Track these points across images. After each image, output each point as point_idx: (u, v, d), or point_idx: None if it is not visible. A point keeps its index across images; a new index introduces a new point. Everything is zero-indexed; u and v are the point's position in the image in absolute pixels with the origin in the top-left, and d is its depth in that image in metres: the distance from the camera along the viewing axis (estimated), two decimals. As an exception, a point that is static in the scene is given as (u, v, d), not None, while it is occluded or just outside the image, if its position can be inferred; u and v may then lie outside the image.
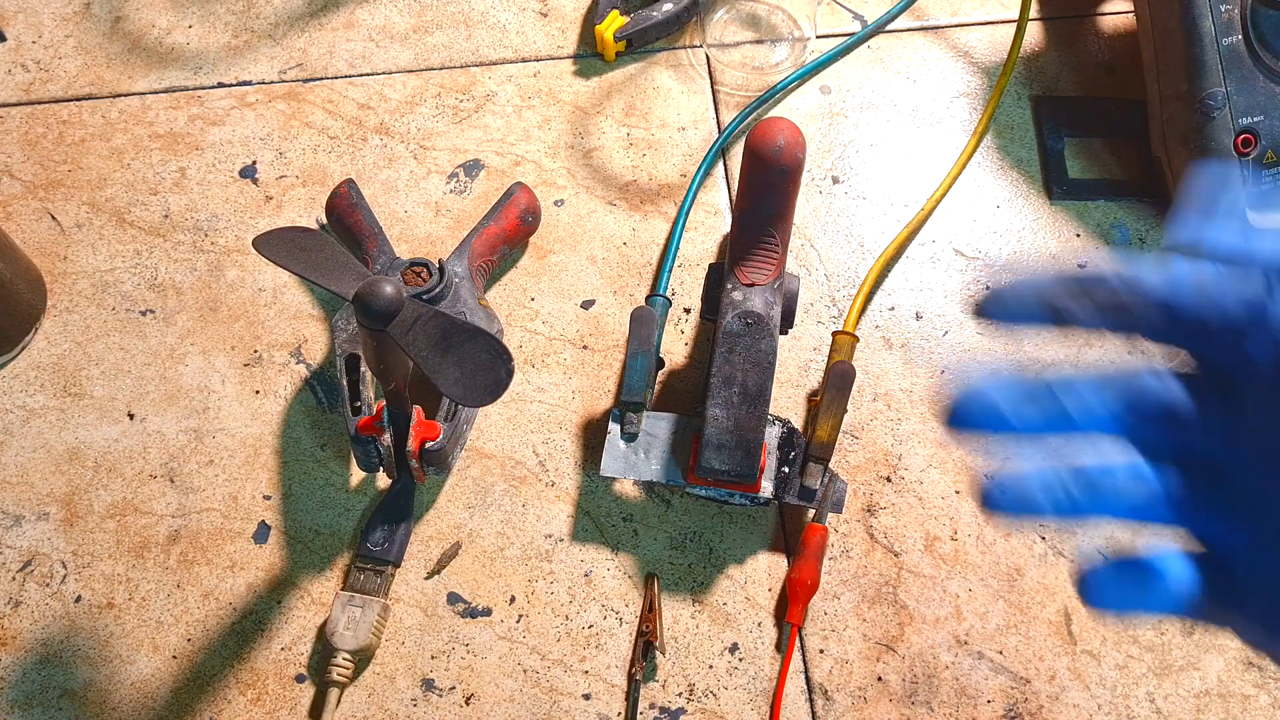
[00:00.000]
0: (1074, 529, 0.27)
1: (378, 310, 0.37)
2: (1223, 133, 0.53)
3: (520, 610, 0.48)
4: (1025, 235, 0.58)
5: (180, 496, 0.51)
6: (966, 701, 0.47)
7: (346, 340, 0.50)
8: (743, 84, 0.62)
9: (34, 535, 0.50)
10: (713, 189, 0.59)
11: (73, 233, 0.57)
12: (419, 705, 0.46)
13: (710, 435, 0.46)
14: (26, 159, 0.60)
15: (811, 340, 0.55)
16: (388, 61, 0.63)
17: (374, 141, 0.60)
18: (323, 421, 0.53)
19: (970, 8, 0.65)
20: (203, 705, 0.46)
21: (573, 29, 0.64)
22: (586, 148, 0.60)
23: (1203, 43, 0.53)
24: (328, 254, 0.41)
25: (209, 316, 0.55)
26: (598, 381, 0.54)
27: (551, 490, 0.51)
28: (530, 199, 0.55)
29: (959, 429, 0.25)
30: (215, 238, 0.57)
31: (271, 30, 0.64)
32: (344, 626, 0.46)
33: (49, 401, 0.53)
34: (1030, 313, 0.25)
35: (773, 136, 0.45)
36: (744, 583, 0.49)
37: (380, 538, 0.49)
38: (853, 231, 0.58)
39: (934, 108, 0.62)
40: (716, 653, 0.48)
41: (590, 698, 0.46)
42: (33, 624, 0.48)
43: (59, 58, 0.63)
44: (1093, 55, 0.64)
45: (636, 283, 0.56)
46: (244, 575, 0.49)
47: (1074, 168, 0.60)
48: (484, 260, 0.53)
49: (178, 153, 0.60)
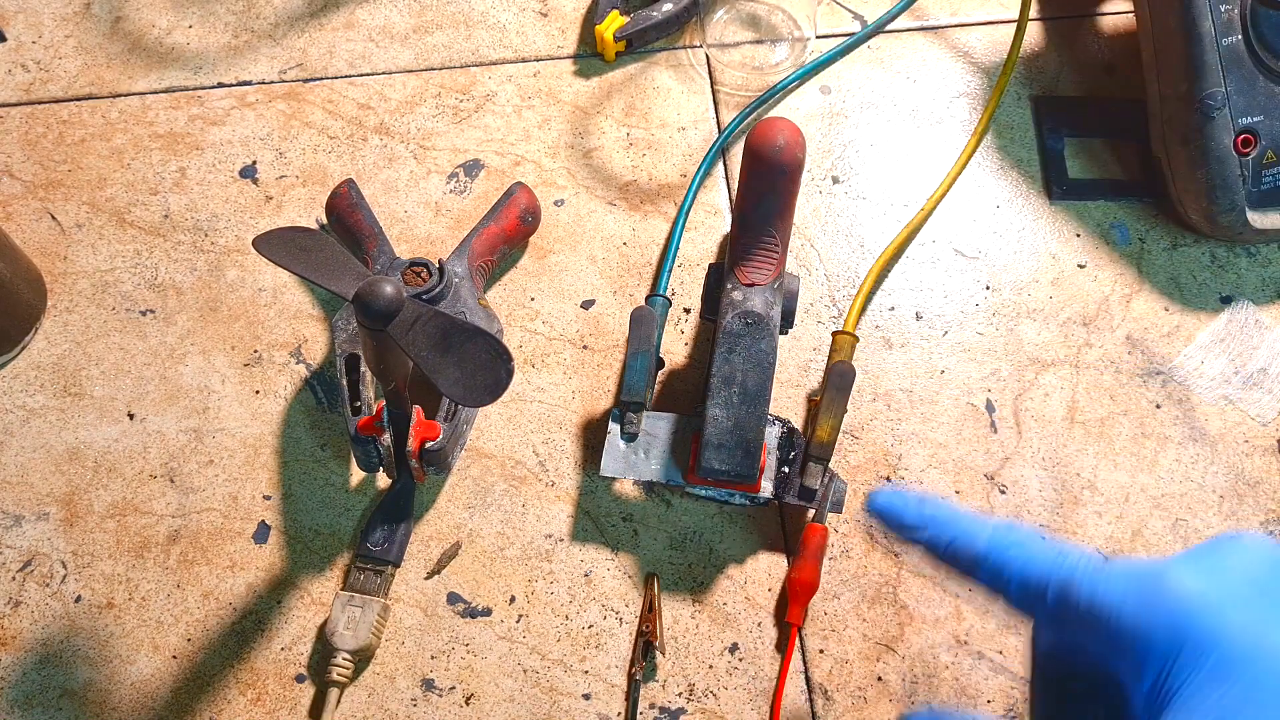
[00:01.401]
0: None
1: (378, 310, 0.37)
2: (1223, 133, 0.53)
3: (520, 610, 0.48)
4: (1025, 235, 0.58)
5: (180, 496, 0.51)
6: (966, 701, 0.47)
7: (346, 340, 0.50)
8: (743, 84, 0.62)
9: (34, 535, 0.50)
10: (713, 189, 0.59)
11: (73, 233, 0.57)
12: (419, 705, 0.46)
13: (710, 435, 0.46)
14: (26, 159, 0.60)
15: (811, 340, 0.55)
16: (388, 61, 0.63)
17: (374, 141, 0.60)
18: (323, 421, 0.53)
19: (970, 8, 0.65)
20: (203, 705, 0.46)
21: (573, 29, 0.64)
22: (586, 148, 0.60)
23: (1203, 43, 0.53)
24: (328, 254, 0.41)
25: (209, 316, 0.55)
26: (598, 381, 0.54)
27: (551, 490, 0.51)
28: (530, 199, 0.55)
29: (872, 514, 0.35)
30: (215, 238, 0.57)
31: (271, 30, 0.64)
32: (344, 626, 0.46)
33: (49, 401, 0.53)
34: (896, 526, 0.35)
35: (773, 136, 0.45)
36: (744, 583, 0.49)
37: (380, 538, 0.49)
38: (853, 231, 0.58)
39: (934, 108, 0.62)
40: (716, 653, 0.48)
41: (590, 698, 0.47)
42: (33, 624, 0.48)
43: (59, 58, 0.63)
44: (1093, 55, 0.64)
45: (636, 283, 0.56)
46: (244, 575, 0.49)
47: (1074, 168, 0.60)
48: (484, 260, 0.53)
49: (178, 153, 0.60)
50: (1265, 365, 0.54)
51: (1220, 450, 0.52)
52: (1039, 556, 0.31)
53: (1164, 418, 0.53)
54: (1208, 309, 0.56)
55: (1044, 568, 0.30)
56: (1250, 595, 0.27)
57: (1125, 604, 0.28)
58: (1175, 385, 0.54)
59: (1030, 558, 0.31)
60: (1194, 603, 0.27)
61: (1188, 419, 0.53)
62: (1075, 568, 0.30)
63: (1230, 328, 0.55)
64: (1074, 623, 0.30)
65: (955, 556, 0.33)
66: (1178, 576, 0.28)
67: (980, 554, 0.32)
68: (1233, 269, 0.57)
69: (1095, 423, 0.53)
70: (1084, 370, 0.54)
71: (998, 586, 0.32)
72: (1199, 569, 0.28)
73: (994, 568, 0.32)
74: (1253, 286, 0.56)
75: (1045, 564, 0.31)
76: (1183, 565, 0.28)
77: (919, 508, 0.35)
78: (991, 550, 0.32)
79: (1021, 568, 0.31)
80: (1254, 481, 0.51)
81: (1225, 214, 0.55)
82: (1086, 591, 0.29)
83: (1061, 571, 0.30)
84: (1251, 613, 0.27)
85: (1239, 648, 0.26)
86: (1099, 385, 0.54)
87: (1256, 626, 0.26)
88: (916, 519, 0.34)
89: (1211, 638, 0.26)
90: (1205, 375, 0.54)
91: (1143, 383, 0.54)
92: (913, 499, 0.35)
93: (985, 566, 0.32)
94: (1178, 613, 0.27)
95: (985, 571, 0.32)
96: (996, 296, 0.56)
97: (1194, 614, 0.27)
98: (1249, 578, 0.28)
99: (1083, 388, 0.54)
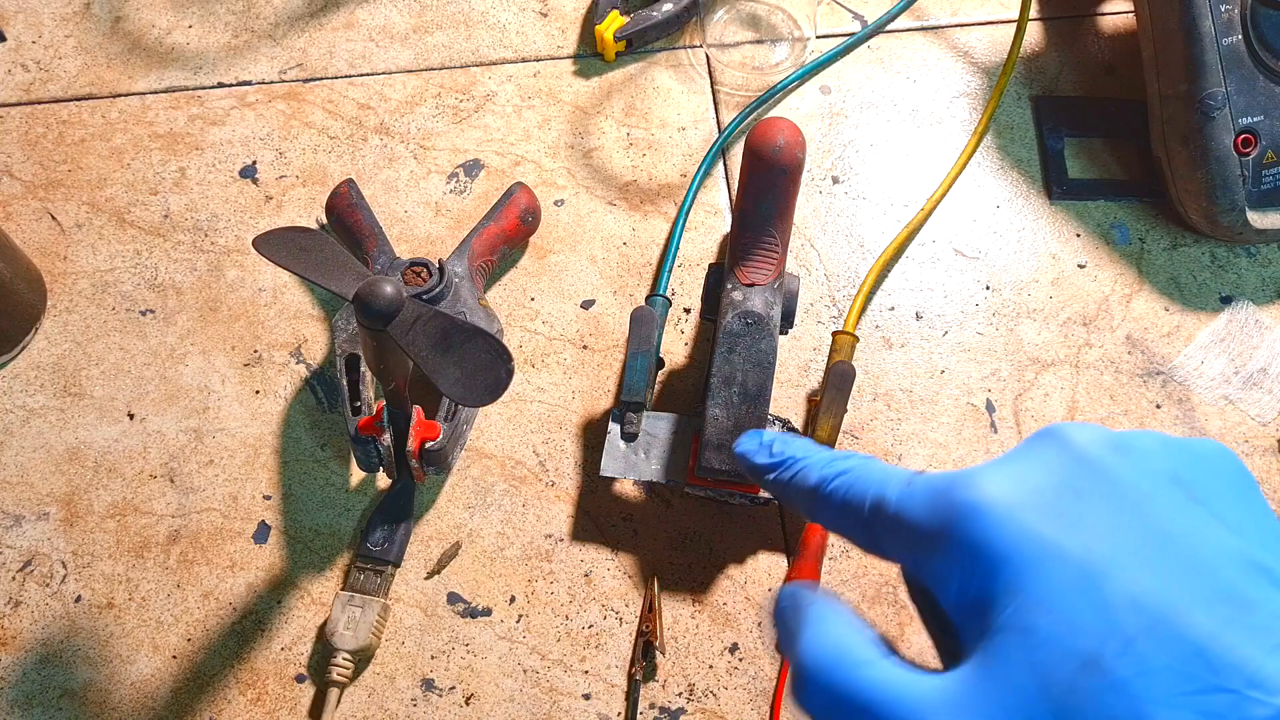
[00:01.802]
0: None
1: (378, 310, 0.37)
2: (1223, 133, 0.53)
3: (520, 610, 0.48)
4: (1025, 235, 0.58)
5: (180, 496, 0.51)
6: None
7: (346, 340, 0.50)
8: (743, 84, 0.62)
9: (34, 535, 0.50)
10: (713, 189, 0.59)
11: (73, 233, 0.57)
12: (419, 705, 0.46)
13: (710, 435, 0.46)
14: (26, 159, 0.60)
15: (811, 340, 0.55)
16: (388, 61, 0.63)
17: (374, 141, 0.60)
18: (323, 421, 0.53)
19: (970, 8, 0.65)
20: (203, 705, 0.46)
21: (573, 29, 0.64)
22: (586, 148, 0.60)
23: (1203, 43, 0.53)
24: (328, 254, 0.41)
25: (209, 316, 0.55)
26: (598, 381, 0.54)
27: (551, 490, 0.51)
28: (530, 199, 0.55)
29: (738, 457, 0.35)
30: (215, 238, 0.57)
31: (271, 30, 0.64)
32: (344, 626, 0.46)
33: (49, 401, 0.53)
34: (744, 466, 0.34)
35: (773, 136, 0.45)
36: (744, 583, 0.49)
37: (380, 538, 0.49)
38: (853, 231, 0.58)
39: (934, 108, 0.62)
40: (716, 653, 0.48)
41: (590, 698, 0.47)
42: (33, 624, 0.48)
43: (59, 58, 0.63)
44: (1093, 55, 0.64)
45: (636, 283, 0.56)
46: (244, 575, 0.49)
47: (1074, 168, 0.60)
48: (484, 260, 0.53)
49: (178, 153, 0.60)
50: (1265, 365, 0.54)
51: (1220, 450, 0.52)
52: (863, 479, 0.29)
53: (1164, 418, 0.53)
54: (1208, 309, 0.56)
55: (864, 489, 0.29)
56: (1048, 492, 0.25)
57: (923, 513, 0.27)
58: (1175, 385, 0.54)
59: (854, 480, 0.30)
60: (986, 507, 0.25)
61: (1188, 419, 0.53)
62: (889, 484, 0.28)
63: (1230, 328, 0.55)
64: (886, 539, 0.28)
65: (797, 492, 0.32)
66: (975, 481, 0.26)
67: (813, 485, 0.31)
68: (1233, 269, 0.57)
69: (1095, 423, 0.53)
70: (1084, 370, 0.54)
71: (829, 515, 0.31)
72: (1000, 472, 0.26)
73: (824, 495, 0.30)
74: (1253, 286, 0.56)
75: (866, 485, 0.29)
76: (986, 471, 0.27)
77: (768, 448, 0.33)
78: (822, 481, 0.31)
79: (845, 490, 0.30)
80: (1254, 481, 0.51)
81: (1225, 214, 0.55)
82: (894, 505, 0.28)
83: (877, 490, 0.29)
84: (1045, 514, 0.25)
85: (1029, 556, 0.24)
86: (1099, 385, 0.54)
87: (1048, 529, 0.24)
88: (765, 460, 0.33)
89: (1003, 545, 0.25)
90: (1205, 375, 0.54)
91: (1143, 383, 0.54)
92: (766, 439, 0.34)
93: (818, 497, 0.31)
94: (971, 519, 0.25)
95: (819, 502, 0.31)
96: (996, 296, 0.56)
97: (985, 519, 0.25)
98: (1053, 473, 0.26)
99: (1083, 388, 0.54)
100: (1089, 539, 0.24)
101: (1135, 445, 0.26)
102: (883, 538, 0.29)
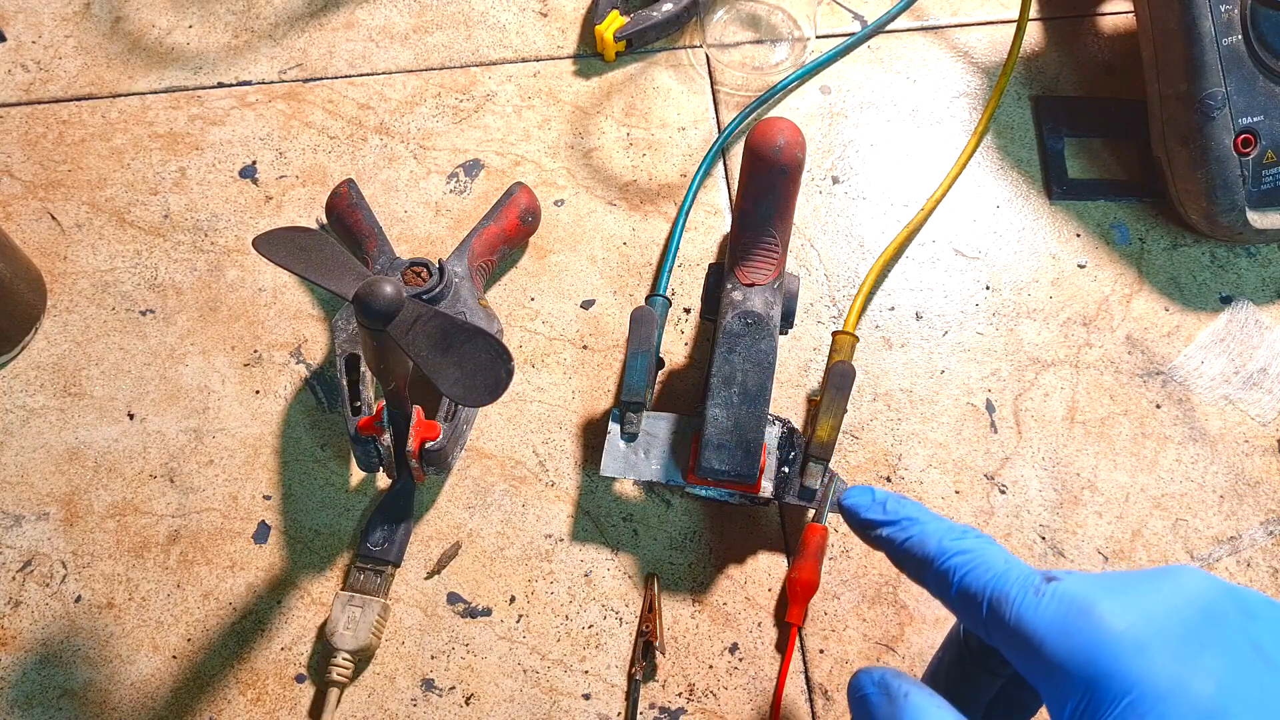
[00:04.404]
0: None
1: (378, 310, 0.37)
2: (1223, 133, 0.53)
3: (520, 610, 0.48)
4: (1025, 235, 0.58)
5: (180, 496, 0.51)
6: (966, 701, 0.47)
7: (346, 340, 0.50)
8: (743, 84, 0.62)
9: (34, 535, 0.50)
10: (713, 189, 0.59)
11: (73, 233, 0.57)
12: (419, 705, 0.46)
13: (710, 435, 0.46)
14: (26, 159, 0.60)
15: (811, 340, 0.55)
16: (388, 61, 0.63)
17: (374, 141, 0.60)
18: (323, 421, 0.53)
19: (970, 8, 0.65)
20: (203, 705, 0.46)
21: (573, 29, 0.64)
22: (586, 148, 0.60)
23: (1203, 43, 0.53)
24: (328, 254, 0.41)
25: (209, 316, 0.55)
26: (598, 381, 0.54)
27: (551, 490, 0.51)
28: (530, 199, 0.55)
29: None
30: (215, 238, 0.57)
31: (271, 30, 0.64)
32: (344, 626, 0.46)
33: (49, 401, 0.53)
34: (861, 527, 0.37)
35: (773, 136, 0.45)
36: (744, 583, 0.49)
37: (380, 538, 0.49)
38: (853, 231, 0.58)
39: (934, 108, 0.62)
40: (716, 653, 0.48)
41: (590, 698, 0.47)
42: (33, 624, 0.48)
43: (59, 58, 0.63)
44: (1093, 55, 0.64)
45: (636, 283, 0.56)
46: (244, 575, 0.49)
47: (1074, 168, 0.60)
48: (484, 260, 0.53)
49: (178, 153, 0.60)
50: (1265, 365, 0.54)
51: (1220, 450, 0.52)
52: (982, 566, 0.31)
53: (1164, 418, 0.53)
54: (1208, 309, 0.56)
55: (984, 579, 0.31)
56: (1175, 637, 0.27)
57: (1050, 633, 0.28)
58: (1175, 385, 0.54)
59: (974, 566, 0.31)
60: (1116, 641, 0.27)
61: (1188, 419, 0.53)
62: (1012, 585, 0.30)
63: (1230, 328, 0.55)
64: (1002, 639, 0.30)
65: (909, 555, 0.34)
66: (1105, 611, 0.28)
67: (930, 555, 0.33)
68: (1233, 269, 0.57)
69: (1095, 423, 0.53)
70: (1084, 370, 0.54)
71: (941, 590, 0.32)
72: (1127, 604, 0.28)
73: (940, 571, 0.32)
74: (1253, 286, 0.56)
75: (986, 575, 0.31)
76: (1112, 599, 0.28)
77: (882, 505, 0.35)
78: (940, 554, 0.32)
79: (964, 575, 0.31)
80: (1254, 481, 0.51)
81: (1225, 214, 0.55)
82: (1015, 612, 0.29)
83: (998, 586, 0.30)
84: (1173, 656, 0.27)
85: (1155, 690, 0.26)
86: (1099, 385, 0.54)
87: (1175, 670, 0.26)
88: (878, 516, 0.35)
89: (1130, 678, 0.26)
90: (1205, 375, 0.54)
91: (1143, 383, 0.54)
92: (879, 496, 0.36)
93: (933, 569, 0.32)
94: (1099, 649, 0.27)
95: (932, 574, 0.33)
96: (996, 296, 0.56)
97: (1115, 652, 0.27)
98: (1178, 617, 0.27)
99: (1083, 388, 0.54)
100: (1212, 687, 0.26)
101: (1260, 613, 0.28)
102: (997, 637, 0.30)
